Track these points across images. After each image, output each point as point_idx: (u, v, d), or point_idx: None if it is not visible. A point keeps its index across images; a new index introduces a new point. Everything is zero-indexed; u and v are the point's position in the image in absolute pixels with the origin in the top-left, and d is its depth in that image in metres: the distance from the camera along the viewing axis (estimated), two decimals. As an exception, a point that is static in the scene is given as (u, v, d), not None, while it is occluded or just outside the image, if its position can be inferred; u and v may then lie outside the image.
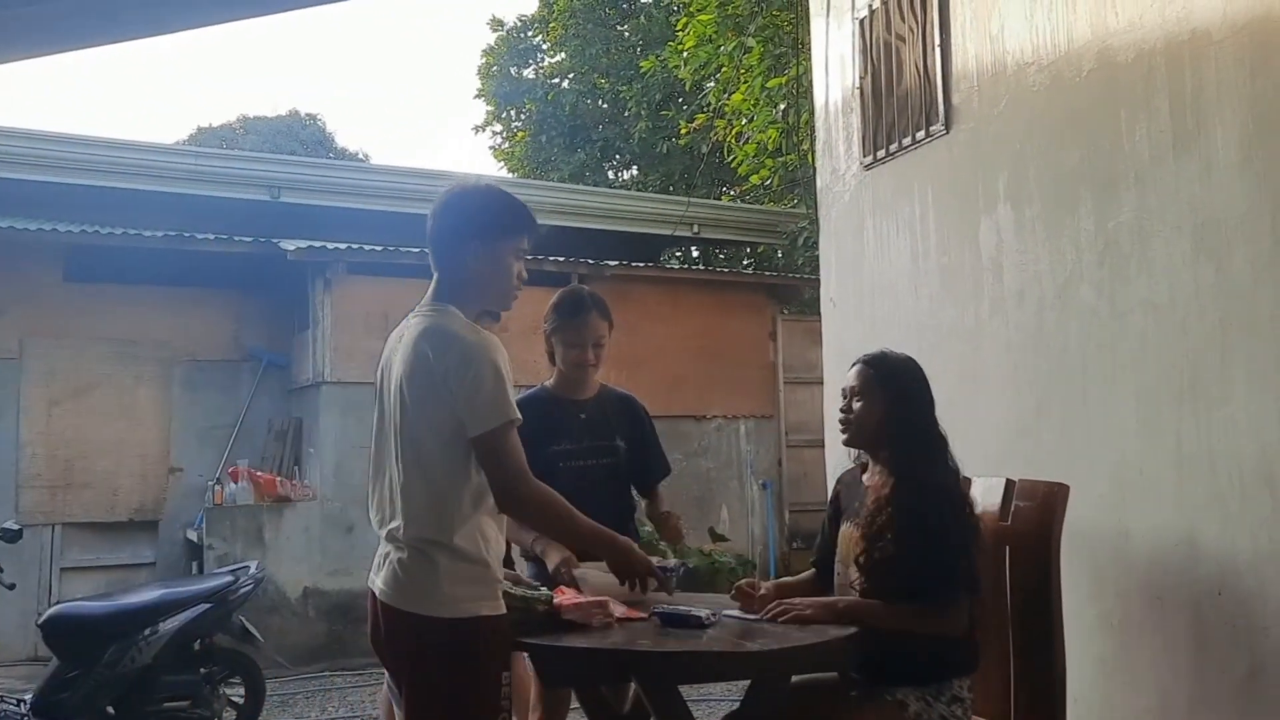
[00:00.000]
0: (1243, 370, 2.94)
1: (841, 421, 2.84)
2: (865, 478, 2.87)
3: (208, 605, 4.75)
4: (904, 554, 2.61)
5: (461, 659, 2.28)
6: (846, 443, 2.88)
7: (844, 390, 2.84)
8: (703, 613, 2.62)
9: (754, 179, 11.12)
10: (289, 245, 7.92)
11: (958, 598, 2.61)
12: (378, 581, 2.41)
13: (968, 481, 3.10)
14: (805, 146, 8.52)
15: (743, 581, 2.91)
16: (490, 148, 18.36)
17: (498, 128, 18.05)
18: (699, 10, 10.95)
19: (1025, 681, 2.87)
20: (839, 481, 3.05)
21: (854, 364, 2.85)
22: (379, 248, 8.15)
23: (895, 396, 2.75)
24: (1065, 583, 2.85)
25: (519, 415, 2.35)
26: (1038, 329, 3.71)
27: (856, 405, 2.78)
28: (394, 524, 2.37)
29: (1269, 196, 2.86)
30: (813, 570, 3.04)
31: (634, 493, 3.51)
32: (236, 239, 8.13)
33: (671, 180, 15.06)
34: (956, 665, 2.65)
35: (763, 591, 2.84)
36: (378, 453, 2.47)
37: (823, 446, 5.07)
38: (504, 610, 2.37)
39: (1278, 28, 2.86)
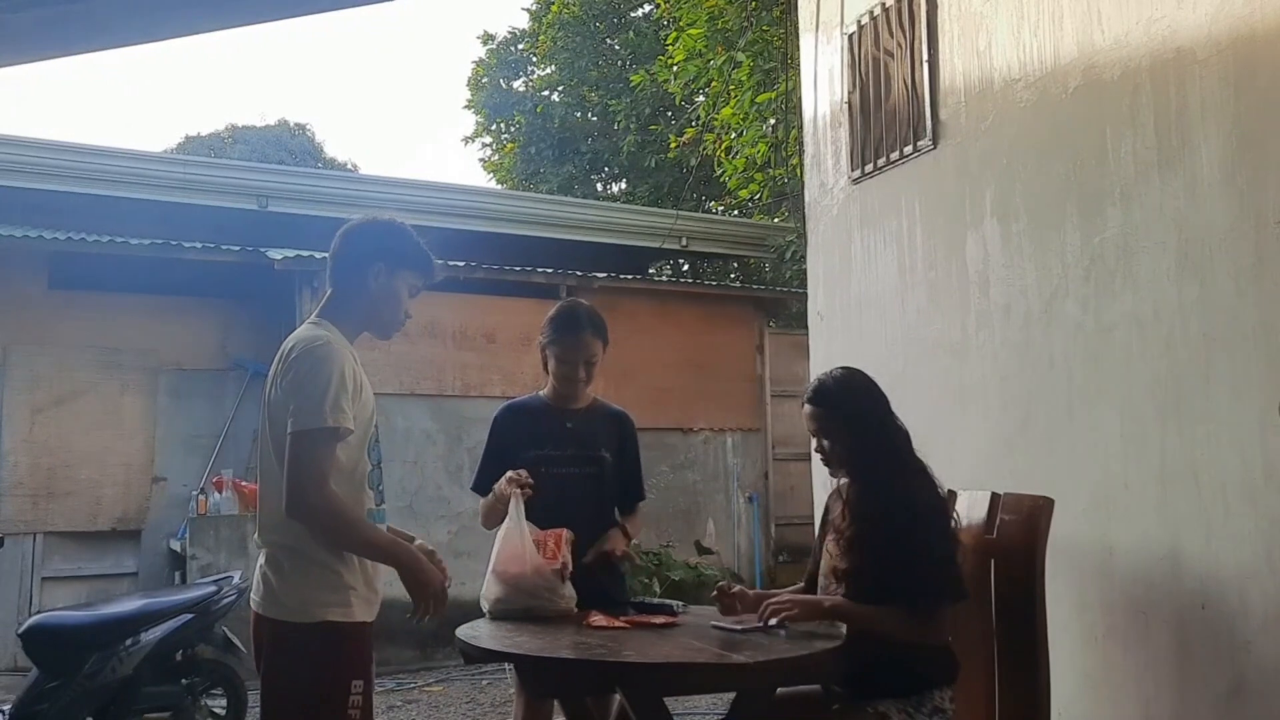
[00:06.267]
0: (1226, 385, 2.95)
1: (824, 462, 2.91)
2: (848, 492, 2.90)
3: (190, 616, 4.71)
4: (872, 563, 2.66)
5: (306, 664, 2.28)
6: (834, 475, 2.96)
7: (809, 432, 2.91)
8: (675, 605, 2.71)
9: (743, 193, 11.14)
10: (276, 255, 7.90)
11: (940, 604, 2.64)
12: (250, 591, 2.45)
13: (953, 495, 3.12)
14: (794, 161, 8.55)
15: (722, 584, 2.93)
16: (479, 159, 18.39)
17: (487, 139, 18.07)
18: (689, 25, 10.97)
19: (1010, 695, 2.87)
20: (830, 496, 3.07)
21: (802, 404, 2.90)
22: (367, 258, 8.11)
23: (848, 424, 2.81)
24: (1050, 596, 2.85)
25: (343, 426, 2.30)
26: (1024, 343, 3.73)
27: (825, 444, 2.86)
28: (256, 530, 2.44)
29: (1252, 213, 2.89)
30: (802, 585, 3.07)
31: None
32: (224, 248, 8.10)
33: (660, 193, 15.08)
34: (937, 676, 2.67)
35: (736, 590, 2.86)
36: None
37: (809, 460, 5.07)
38: (359, 618, 2.35)
39: (1261, 47, 2.89)
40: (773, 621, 2.64)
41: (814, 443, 2.90)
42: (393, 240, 2.58)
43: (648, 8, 16.29)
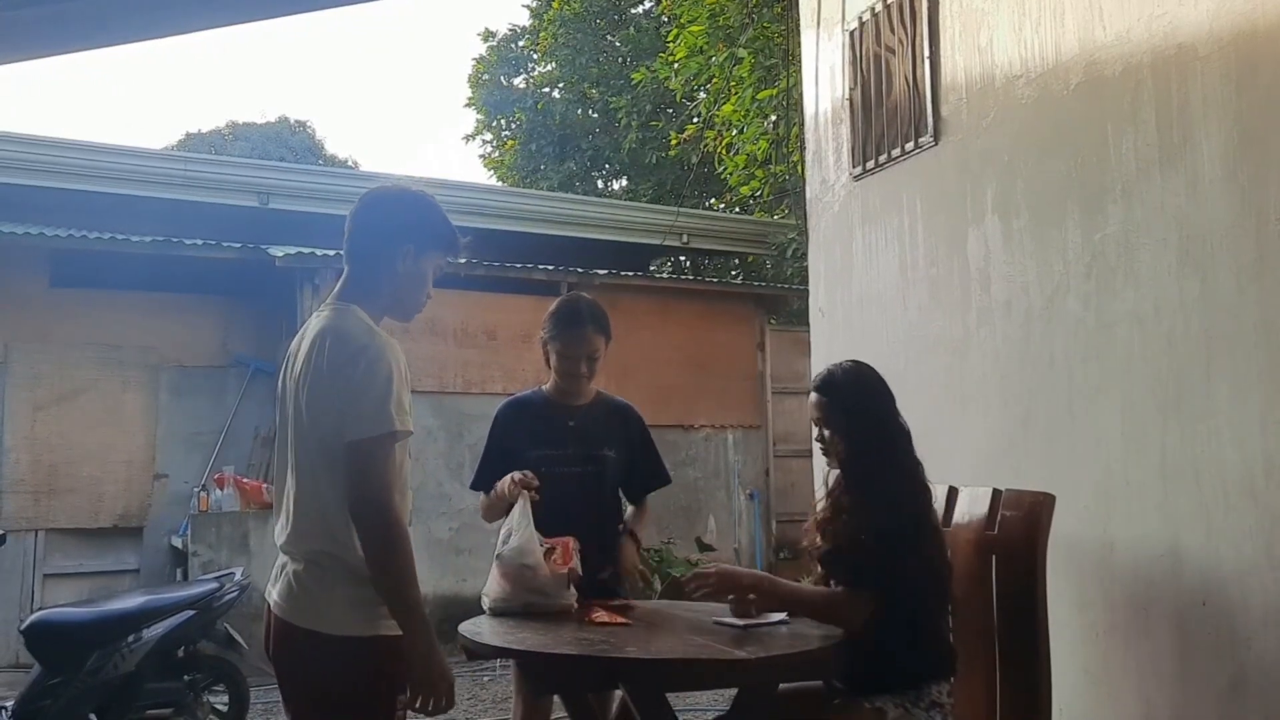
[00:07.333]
0: (1227, 382, 2.95)
1: (822, 451, 2.92)
2: None
3: (192, 612, 4.72)
4: (830, 547, 2.77)
5: (355, 680, 2.15)
6: (830, 465, 2.96)
7: (812, 420, 2.92)
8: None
9: (744, 190, 11.15)
10: (277, 252, 7.90)
11: (860, 592, 2.66)
12: (273, 594, 2.30)
13: (953, 492, 3.12)
14: (795, 158, 8.55)
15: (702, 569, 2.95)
16: (480, 156, 18.37)
17: (488, 136, 18.05)
18: (690, 21, 10.98)
19: (1011, 691, 2.87)
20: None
21: (810, 391, 2.92)
22: (367, 255, 8.10)
23: (851, 418, 2.82)
24: (1051, 592, 2.86)
25: (406, 428, 2.18)
26: (1025, 340, 3.73)
27: (826, 434, 2.87)
28: (285, 535, 2.28)
29: (1253, 210, 2.89)
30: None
31: (622, 500, 3.50)
32: (225, 245, 8.10)
33: (661, 190, 15.06)
34: (933, 671, 2.67)
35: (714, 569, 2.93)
36: (278, 461, 2.36)
37: (810, 457, 5.07)
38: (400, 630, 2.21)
39: (1263, 44, 2.89)
40: (698, 594, 2.78)
41: (814, 431, 2.92)
42: (424, 217, 2.38)
43: (648, 4, 16.28)
